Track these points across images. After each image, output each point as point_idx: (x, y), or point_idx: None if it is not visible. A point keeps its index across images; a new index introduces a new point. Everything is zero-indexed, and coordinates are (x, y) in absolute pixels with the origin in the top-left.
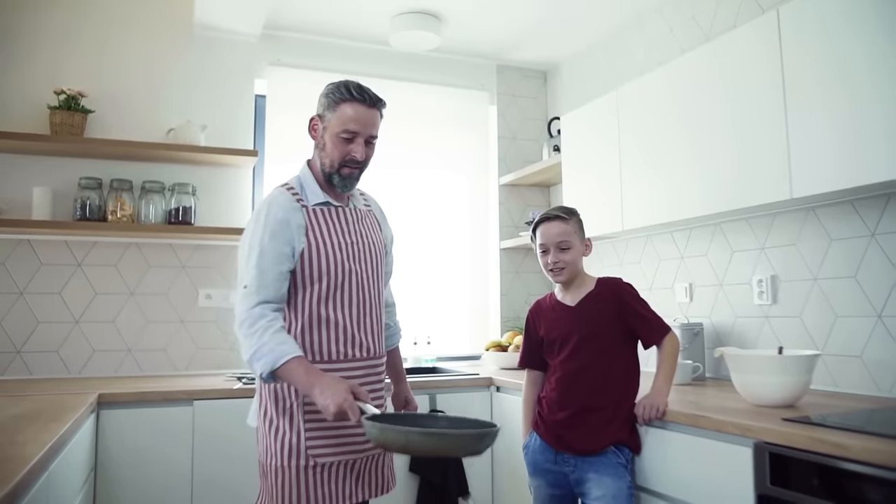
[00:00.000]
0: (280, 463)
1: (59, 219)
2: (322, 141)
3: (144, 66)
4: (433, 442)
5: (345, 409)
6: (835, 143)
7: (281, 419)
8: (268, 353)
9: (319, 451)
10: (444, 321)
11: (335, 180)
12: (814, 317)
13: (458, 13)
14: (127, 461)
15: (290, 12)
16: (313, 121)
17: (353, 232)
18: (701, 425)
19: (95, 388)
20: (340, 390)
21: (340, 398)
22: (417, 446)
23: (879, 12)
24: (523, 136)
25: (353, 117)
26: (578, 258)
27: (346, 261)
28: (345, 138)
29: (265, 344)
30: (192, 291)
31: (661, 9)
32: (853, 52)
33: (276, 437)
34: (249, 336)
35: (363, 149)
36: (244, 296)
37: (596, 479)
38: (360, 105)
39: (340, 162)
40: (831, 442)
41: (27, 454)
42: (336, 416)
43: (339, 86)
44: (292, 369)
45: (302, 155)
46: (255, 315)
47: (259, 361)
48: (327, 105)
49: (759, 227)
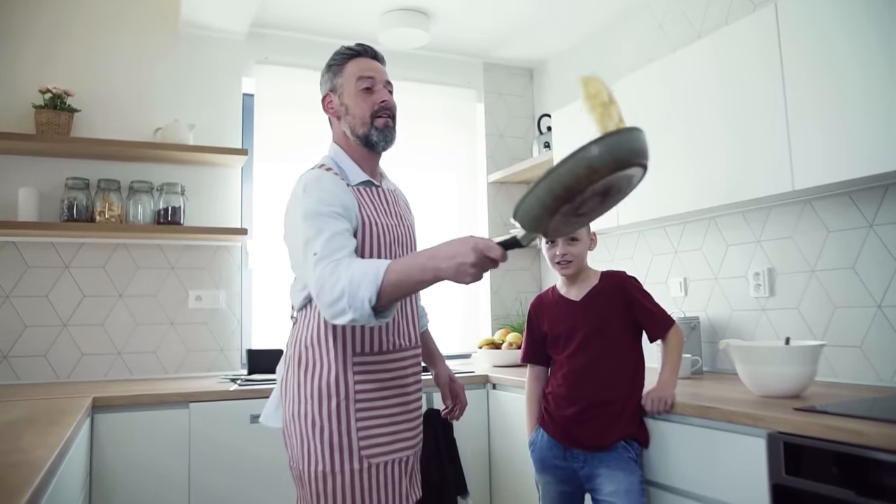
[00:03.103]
0: (326, 468)
1: (46, 220)
2: (343, 107)
3: (131, 65)
4: (612, 142)
5: (482, 251)
6: (838, 134)
7: (327, 419)
8: (361, 276)
9: (373, 450)
10: (434, 320)
11: (374, 137)
12: (812, 308)
13: (447, 10)
14: (123, 465)
15: (277, 10)
16: (326, 98)
17: (393, 214)
18: (711, 416)
19: (86, 392)
20: (464, 240)
21: (471, 244)
22: (600, 161)
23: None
24: (511, 134)
25: (363, 67)
26: (585, 252)
27: (393, 243)
28: (365, 88)
29: (354, 272)
30: (182, 293)
31: (649, 5)
32: (851, 43)
33: (320, 440)
34: (330, 283)
35: (388, 94)
36: (316, 262)
37: (607, 474)
38: (364, 58)
39: (371, 113)
40: (848, 429)
41: (36, 460)
42: (478, 268)
43: (336, 52)
44: (399, 266)
45: (291, 153)
46: (332, 264)
47: (360, 288)
48: (332, 74)
49: (755, 220)
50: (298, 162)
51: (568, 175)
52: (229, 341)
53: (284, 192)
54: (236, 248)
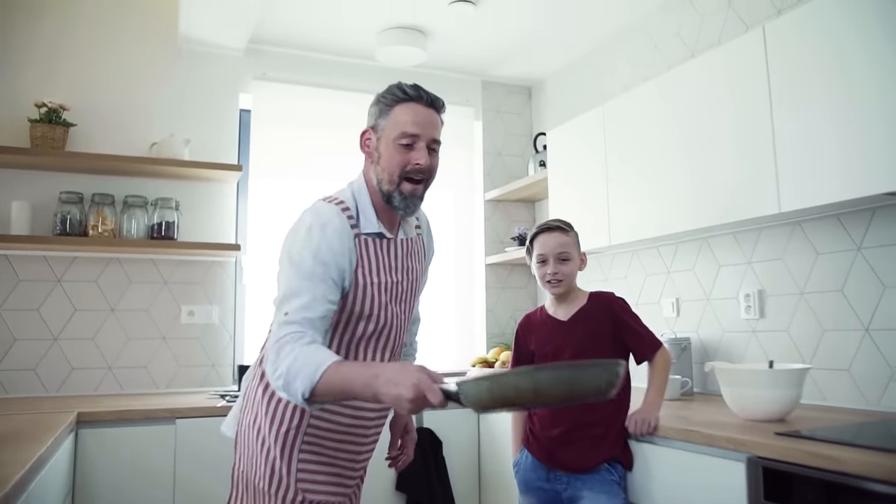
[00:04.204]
0: (265, 486)
1: (39, 233)
2: (377, 153)
3: (129, 80)
4: (566, 376)
5: (422, 392)
6: (823, 157)
7: (273, 441)
8: (302, 367)
9: (309, 485)
10: (429, 337)
11: (396, 201)
12: (801, 331)
13: (444, 29)
14: (106, 482)
15: (275, 27)
16: (365, 134)
17: (400, 269)
18: (692, 440)
19: (74, 406)
20: (411, 372)
21: (414, 378)
22: (549, 388)
23: (859, 27)
24: (508, 152)
25: (410, 119)
26: (576, 271)
27: (390, 303)
28: (403, 144)
29: (297, 358)
30: (175, 308)
31: (645, 25)
32: (839, 66)
33: (265, 460)
34: (279, 358)
35: (426, 155)
36: (282, 324)
37: (591, 497)
38: (418, 105)
39: (400, 174)
40: (826, 456)
41: (4, 476)
42: (413, 405)
43: (391, 88)
44: (342, 371)
45: (288, 170)
46: (289, 338)
47: (296, 380)
48: (379, 112)
49: (746, 241)
50: (293, 178)
51: (512, 390)
52: (221, 357)
53: (279, 209)
54: (230, 263)
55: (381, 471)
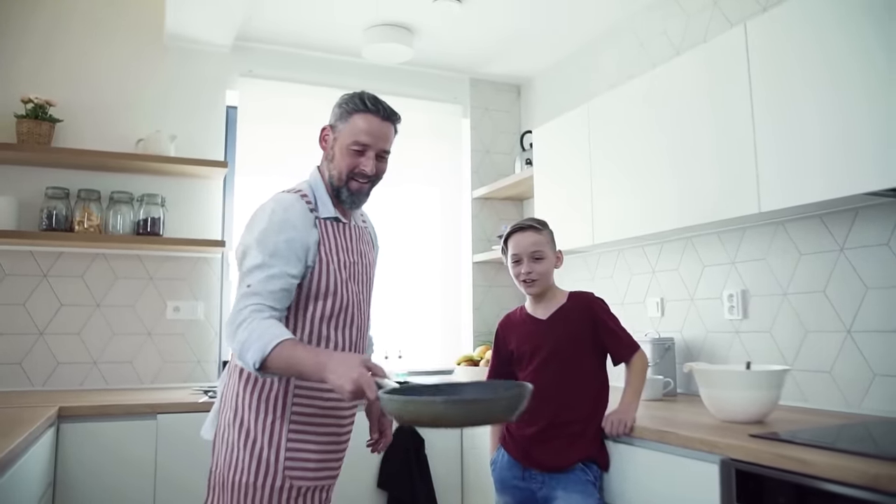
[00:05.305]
0: (249, 479)
1: (25, 229)
2: (332, 152)
3: (114, 76)
4: (465, 409)
5: (361, 386)
6: (805, 156)
7: (260, 432)
8: (257, 339)
9: (298, 472)
10: (415, 335)
11: (343, 195)
12: (784, 332)
13: (430, 27)
14: (87, 476)
15: (261, 24)
16: (324, 131)
17: (355, 251)
18: (668, 441)
19: (57, 401)
20: (354, 365)
21: (355, 374)
22: (450, 417)
23: (845, 21)
24: (496, 150)
25: (365, 129)
26: (551, 270)
27: (349, 280)
28: (355, 150)
29: (254, 331)
30: (160, 304)
31: (632, 24)
32: (822, 64)
33: (250, 453)
34: (239, 328)
35: (373, 163)
36: (244, 295)
37: (564, 497)
38: (374, 117)
39: (348, 174)
40: (796, 458)
41: None
42: (353, 396)
43: (353, 96)
44: (292, 352)
45: (274, 167)
46: (250, 311)
47: (249, 351)
48: (339, 115)
49: (730, 241)
50: (279, 175)
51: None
52: (207, 353)
53: None
54: (216, 259)
55: (363, 469)
